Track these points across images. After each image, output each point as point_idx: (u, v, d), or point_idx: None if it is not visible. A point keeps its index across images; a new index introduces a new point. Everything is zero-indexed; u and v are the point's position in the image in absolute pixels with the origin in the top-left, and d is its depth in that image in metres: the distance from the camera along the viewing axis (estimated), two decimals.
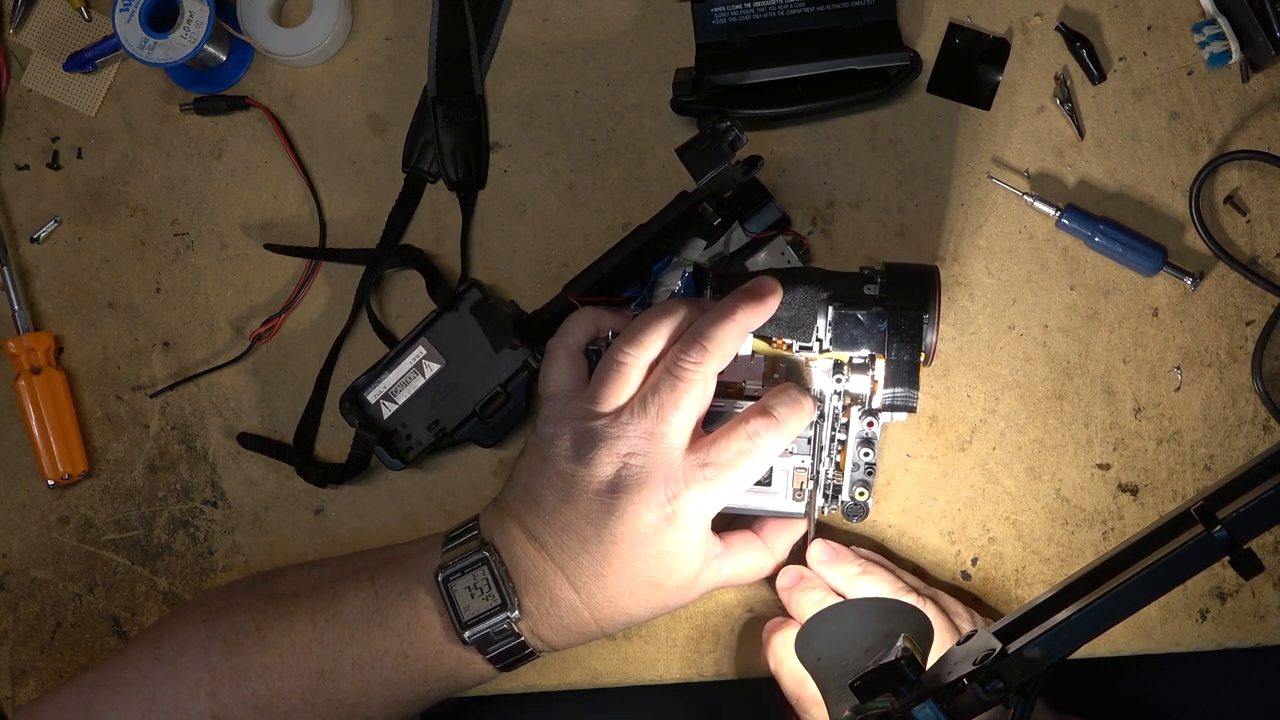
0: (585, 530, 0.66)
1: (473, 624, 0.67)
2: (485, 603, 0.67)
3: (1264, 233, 0.77)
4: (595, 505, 0.66)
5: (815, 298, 0.71)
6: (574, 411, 0.68)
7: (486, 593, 0.67)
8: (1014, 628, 0.60)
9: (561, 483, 0.67)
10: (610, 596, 0.67)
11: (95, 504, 0.82)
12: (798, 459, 0.71)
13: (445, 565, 0.68)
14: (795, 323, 0.71)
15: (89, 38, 0.83)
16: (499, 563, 0.67)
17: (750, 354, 0.71)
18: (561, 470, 0.67)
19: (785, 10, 0.77)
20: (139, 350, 0.82)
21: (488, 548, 0.68)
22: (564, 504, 0.67)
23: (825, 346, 0.71)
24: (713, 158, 0.71)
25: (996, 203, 0.78)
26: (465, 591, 0.67)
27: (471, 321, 0.77)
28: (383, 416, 0.77)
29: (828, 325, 0.70)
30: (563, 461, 0.67)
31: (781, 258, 0.76)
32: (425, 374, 0.77)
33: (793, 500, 0.71)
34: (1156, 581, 0.56)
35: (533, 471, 0.69)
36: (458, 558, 0.68)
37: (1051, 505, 0.77)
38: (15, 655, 0.82)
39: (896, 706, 0.58)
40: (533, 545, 0.68)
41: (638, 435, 0.66)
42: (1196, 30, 0.77)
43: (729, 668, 0.78)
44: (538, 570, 0.67)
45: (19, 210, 0.83)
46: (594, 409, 0.67)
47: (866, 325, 0.70)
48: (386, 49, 0.82)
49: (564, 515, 0.67)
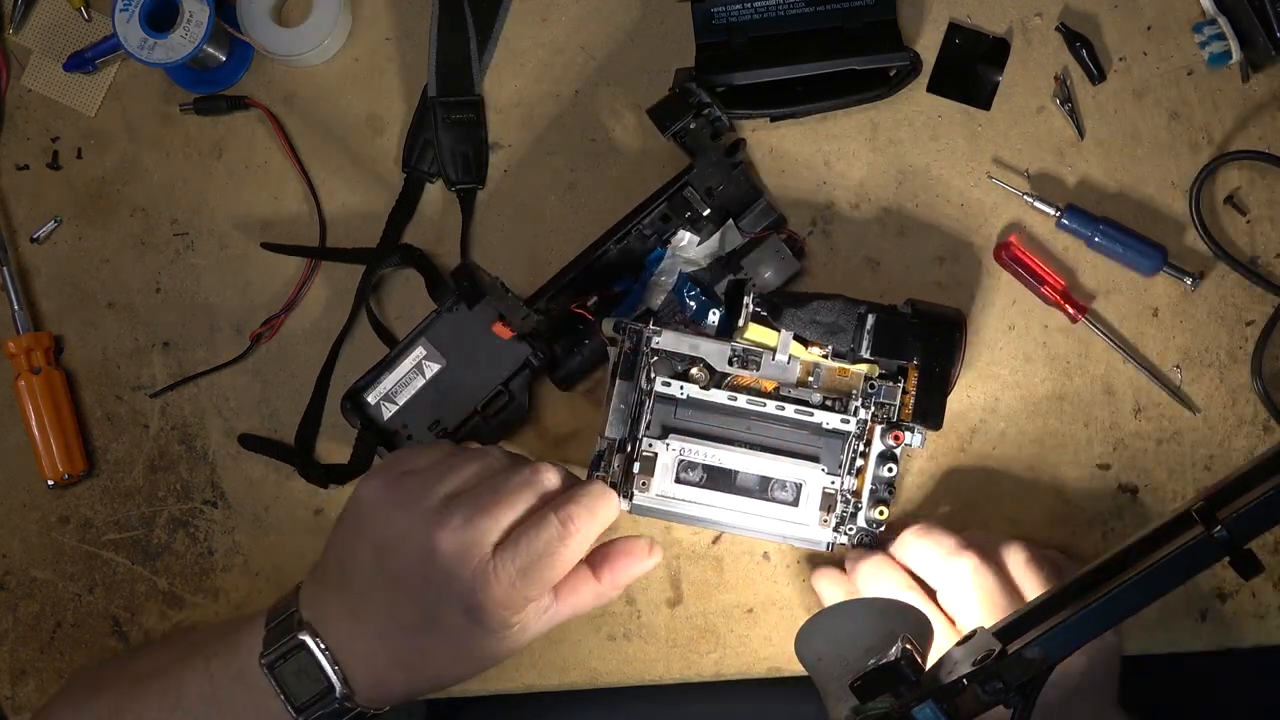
0: (401, 616, 0.64)
1: (306, 708, 0.66)
2: (314, 686, 0.65)
3: (1264, 233, 0.77)
4: (407, 594, 0.64)
5: (854, 308, 0.72)
6: (406, 489, 0.65)
7: (313, 675, 0.65)
8: (1014, 628, 0.60)
9: (374, 562, 0.65)
10: (439, 669, 0.66)
11: (95, 504, 0.82)
12: (827, 479, 0.71)
13: (267, 650, 0.66)
14: (834, 328, 0.72)
15: (89, 38, 0.83)
16: (321, 646, 0.65)
17: (786, 358, 0.71)
18: (419, 569, 0.63)
19: (785, 10, 0.77)
20: (139, 350, 0.82)
21: (306, 629, 0.65)
22: (377, 588, 0.64)
23: (861, 354, 0.72)
24: (678, 111, 0.72)
25: (996, 203, 0.78)
26: (293, 677, 0.65)
27: (472, 320, 0.76)
28: (383, 417, 0.77)
29: (867, 332, 0.71)
30: (425, 561, 0.63)
31: (777, 256, 0.76)
32: (425, 374, 0.77)
33: (819, 527, 0.71)
34: (1156, 582, 0.56)
35: (346, 542, 0.66)
36: (280, 642, 0.66)
37: (1051, 505, 0.77)
38: (15, 655, 0.82)
39: (896, 707, 0.58)
40: (352, 620, 0.66)
41: (453, 537, 0.63)
42: (1196, 30, 0.77)
43: (729, 668, 0.78)
44: (361, 646, 0.66)
45: (19, 210, 0.83)
46: (425, 492, 0.64)
47: (905, 333, 0.71)
48: (386, 49, 0.82)
49: (379, 598, 0.65)
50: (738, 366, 0.71)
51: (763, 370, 0.71)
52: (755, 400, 0.71)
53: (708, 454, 0.71)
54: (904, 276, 0.78)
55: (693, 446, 0.71)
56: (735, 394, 0.71)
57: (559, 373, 0.77)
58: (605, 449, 0.72)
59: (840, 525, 0.72)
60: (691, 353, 0.71)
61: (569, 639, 0.78)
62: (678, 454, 0.71)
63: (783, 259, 0.76)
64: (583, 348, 0.76)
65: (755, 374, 0.71)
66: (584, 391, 0.79)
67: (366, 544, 0.65)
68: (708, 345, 0.71)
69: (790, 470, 0.71)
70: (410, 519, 0.64)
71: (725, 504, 0.72)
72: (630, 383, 0.71)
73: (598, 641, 0.78)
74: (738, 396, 0.71)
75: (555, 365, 0.77)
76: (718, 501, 0.72)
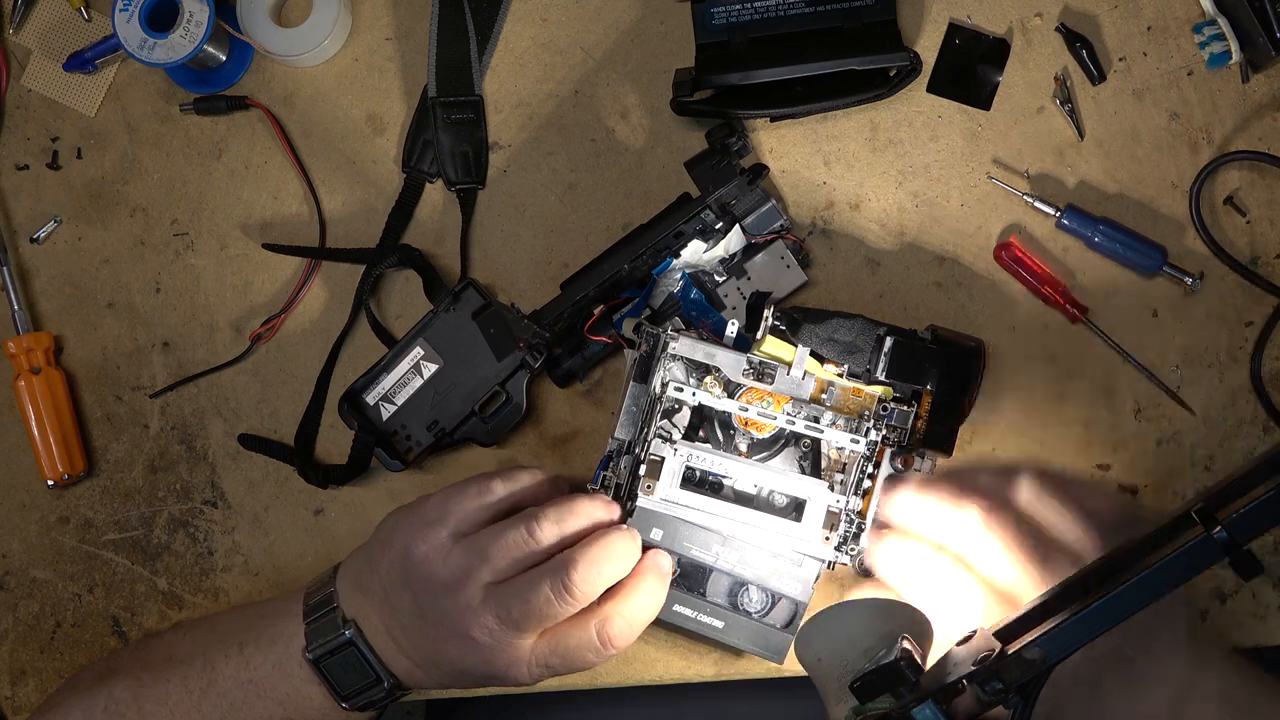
0: (436, 653, 0.69)
1: (352, 697, 0.71)
2: (360, 679, 0.71)
3: (1264, 233, 0.77)
4: (446, 637, 0.68)
5: (873, 329, 0.72)
6: (469, 558, 0.67)
7: (359, 670, 0.70)
8: (1014, 628, 0.60)
9: (423, 604, 0.68)
10: (454, 677, 0.70)
11: (95, 504, 0.82)
12: (832, 497, 0.71)
13: (313, 644, 0.70)
14: (851, 348, 0.72)
15: (89, 38, 0.83)
16: (366, 646, 0.70)
17: (801, 373, 0.71)
18: (426, 592, 0.68)
19: (785, 10, 0.77)
20: (139, 350, 0.82)
21: (350, 626, 0.70)
22: (421, 621, 0.69)
23: (877, 375, 0.72)
24: (722, 174, 0.73)
25: (996, 203, 0.78)
26: (340, 669, 0.70)
27: (469, 322, 0.77)
28: (382, 418, 0.77)
29: (884, 354, 0.71)
30: (430, 587, 0.68)
31: (781, 262, 0.76)
32: (423, 375, 0.77)
33: (821, 544, 0.71)
34: (1156, 582, 0.56)
35: (396, 576, 0.69)
36: (325, 638, 0.70)
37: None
38: (15, 655, 0.82)
39: (896, 707, 0.58)
40: (392, 641, 0.70)
41: (497, 622, 0.66)
42: (1196, 30, 0.77)
43: (729, 668, 0.78)
44: (397, 661, 0.71)
45: (19, 210, 0.83)
46: (483, 566, 0.67)
47: (922, 358, 0.71)
48: (386, 49, 0.82)
49: (420, 630, 0.69)
50: (753, 378, 0.71)
51: (777, 384, 0.71)
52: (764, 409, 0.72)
53: (715, 462, 0.71)
54: (904, 276, 0.78)
55: (700, 453, 0.71)
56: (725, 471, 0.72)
57: (557, 371, 0.77)
58: (615, 450, 0.72)
59: (843, 545, 0.71)
60: (707, 361, 0.71)
61: None
62: (684, 459, 0.71)
63: (788, 266, 0.76)
64: (583, 349, 0.76)
65: (769, 387, 0.71)
66: (584, 391, 0.79)
67: (409, 594, 0.69)
68: (724, 355, 0.71)
69: (796, 486, 0.71)
70: (452, 599, 0.67)
71: (728, 513, 0.71)
72: (644, 386, 0.71)
73: None
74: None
75: (554, 364, 0.77)
76: (721, 510, 0.71)
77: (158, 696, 0.71)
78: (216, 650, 0.72)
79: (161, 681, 0.72)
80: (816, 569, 0.71)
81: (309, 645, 0.70)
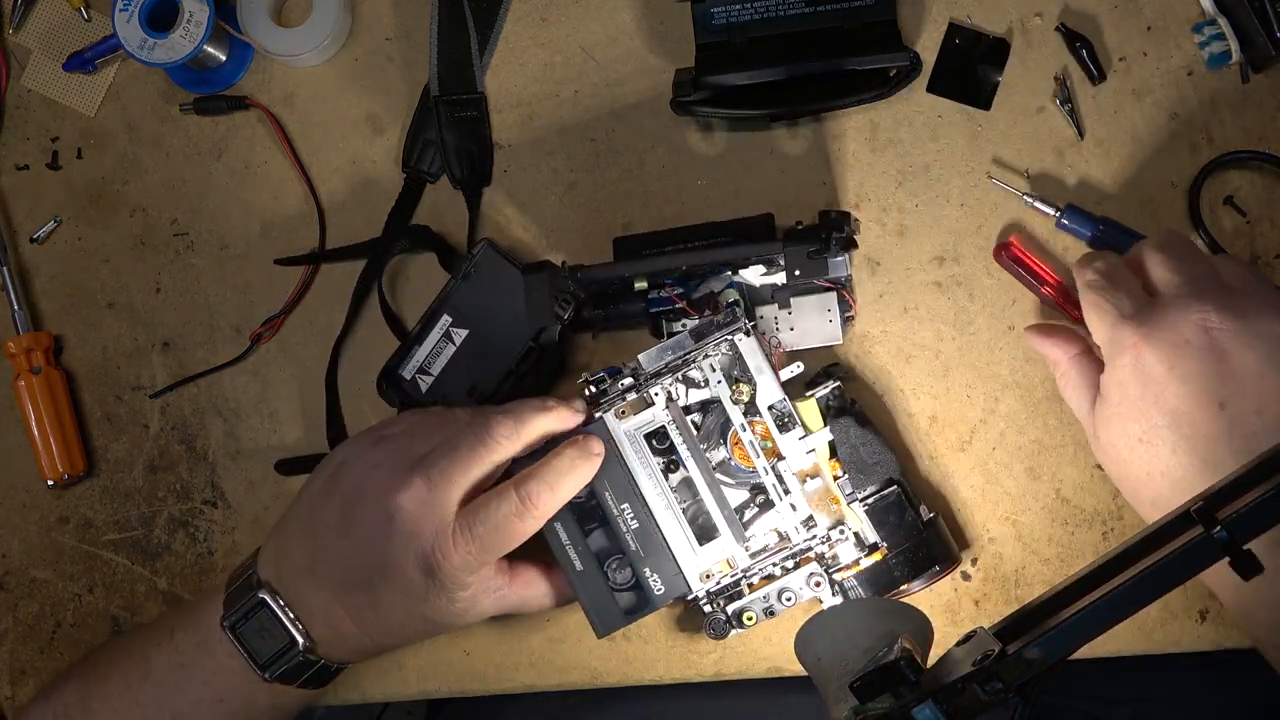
0: (358, 569, 0.67)
1: (270, 664, 0.69)
2: (276, 642, 0.69)
3: (1264, 233, 0.77)
4: (368, 547, 0.67)
5: (894, 473, 0.73)
6: (381, 451, 0.68)
7: (274, 632, 0.68)
8: (1014, 628, 0.60)
9: (340, 517, 0.68)
10: (386, 627, 0.69)
11: (95, 504, 0.82)
12: (739, 550, 0.71)
13: (228, 613, 0.69)
14: (863, 467, 0.73)
15: (89, 38, 0.83)
16: (279, 602, 0.68)
17: (811, 450, 0.72)
18: (344, 502, 0.68)
19: (785, 10, 0.77)
20: (139, 350, 0.82)
21: (265, 588, 0.69)
22: (340, 540, 0.67)
23: (860, 502, 0.72)
24: (814, 266, 0.74)
25: (996, 203, 0.78)
26: (255, 636, 0.69)
27: (490, 284, 0.76)
28: (421, 391, 0.77)
29: (879, 496, 0.72)
30: (344, 494, 0.68)
31: (826, 314, 0.76)
32: (455, 341, 0.76)
33: (699, 579, 0.71)
34: (1156, 582, 0.56)
35: (315, 497, 0.69)
36: (240, 603, 0.69)
37: (1051, 505, 0.77)
38: (15, 655, 0.82)
39: (896, 707, 0.58)
40: (309, 576, 0.69)
41: (417, 497, 0.66)
42: (1196, 30, 0.77)
43: (729, 668, 0.78)
44: (317, 601, 0.68)
45: (19, 210, 0.83)
46: (397, 455, 0.68)
47: (906, 529, 0.72)
48: (386, 49, 0.82)
49: (339, 549, 0.68)
50: (772, 418, 0.71)
51: (784, 437, 0.71)
52: None
53: (688, 445, 0.71)
54: (904, 276, 0.78)
55: (682, 428, 0.71)
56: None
57: (581, 321, 0.77)
58: (630, 371, 0.72)
59: (715, 596, 0.72)
60: (754, 373, 0.71)
61: (569, 639, 0.78)
62: (666, 420, 0.71)
63: (830, 321, 0.76)
64: (616, 308, 0.76)
65: (778, 434, 0.71)
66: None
67: (336, 499, 0.68)
68: (769, 380, 0.71)
69: (721, 520, 0.71)
70: (380, 478, 0.67)
71: (660, 490, 0.71)
72: (696, 344, 0.71)
73: (598, 641, 0.78)
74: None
75: (580, 318, 0.77)
76: (658, 484, 0.71)
77: (101, 695, 0.72)
78: (151, 641, 0.72)
79: (103, 680, 0.72)
80: (682, 591, 0.71)
81: (225, 614, 0.69)
